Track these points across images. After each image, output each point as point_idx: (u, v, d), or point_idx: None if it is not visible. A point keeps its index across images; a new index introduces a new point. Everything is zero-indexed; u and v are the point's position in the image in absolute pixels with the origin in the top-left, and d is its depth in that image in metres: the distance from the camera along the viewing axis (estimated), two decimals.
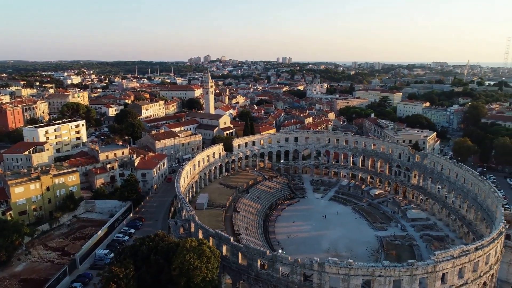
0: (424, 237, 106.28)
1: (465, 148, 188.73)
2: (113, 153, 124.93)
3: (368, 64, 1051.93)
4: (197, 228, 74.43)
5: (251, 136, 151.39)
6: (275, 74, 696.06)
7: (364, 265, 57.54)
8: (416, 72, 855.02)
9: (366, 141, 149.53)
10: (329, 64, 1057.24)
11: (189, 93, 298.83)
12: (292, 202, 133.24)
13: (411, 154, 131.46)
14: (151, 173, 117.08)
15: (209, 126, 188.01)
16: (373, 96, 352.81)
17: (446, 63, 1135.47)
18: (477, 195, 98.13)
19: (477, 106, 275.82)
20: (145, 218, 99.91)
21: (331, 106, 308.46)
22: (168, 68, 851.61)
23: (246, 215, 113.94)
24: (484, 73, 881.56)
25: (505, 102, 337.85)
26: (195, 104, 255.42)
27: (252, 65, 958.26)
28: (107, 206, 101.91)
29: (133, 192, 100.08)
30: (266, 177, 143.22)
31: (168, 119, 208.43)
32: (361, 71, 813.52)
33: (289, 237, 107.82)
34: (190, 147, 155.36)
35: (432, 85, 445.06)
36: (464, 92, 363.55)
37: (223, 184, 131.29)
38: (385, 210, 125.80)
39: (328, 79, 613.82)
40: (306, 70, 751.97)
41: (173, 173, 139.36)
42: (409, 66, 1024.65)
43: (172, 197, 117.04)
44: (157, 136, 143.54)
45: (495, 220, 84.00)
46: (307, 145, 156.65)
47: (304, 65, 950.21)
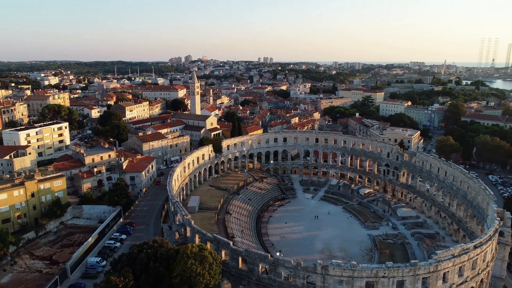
0: (415, 235, 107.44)
1: (448, 146, 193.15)
2: (99, 156, 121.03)
3: (348, 64, 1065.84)
4: (194, 233, 72.58)
5: (240, 137, 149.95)
6: (258, 74, 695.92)
7: (368, 267, 57.16)
8: (395, 72, 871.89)
9: (354, 141, 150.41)
10: (310, 64, 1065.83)
11: (172, 94, 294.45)
12: (283, 203, 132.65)
13: (400, 153, 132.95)
14: (140, 176, 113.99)
15: (196, 127, 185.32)
16: (356, 96, 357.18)
17: (424, 63, 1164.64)
18: (467, 193, 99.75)
19: (457, 105, 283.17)
20: (136, 223, 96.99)
21: (316, 106, 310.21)
22: (149, 69, 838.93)
23: (238, 217, 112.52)
24: (460, 72, 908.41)
25: (482, 101, 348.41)
26: (180, 105, 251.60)
27: (234, 65, 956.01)
28: (95, 212, 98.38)
29: (123, 196, 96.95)
30: (256, 178, 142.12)
31: (153, 120, 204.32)
32: (341, 71, 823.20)
33: (282, 238, 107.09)
34: (178, 148, 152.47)
35: (412, 85, 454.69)
36: (444, 91, 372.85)
37: (213, 186, 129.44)
38: (376, 209, 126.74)
39: (310, 79, 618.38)
40: (288, 70, 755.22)
41: (161, 175, 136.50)
42: (388, 66, 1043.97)
43: (162, 200, 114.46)
44: (144, 138, 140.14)
45: (487, 217, 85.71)
46: (296, 145, 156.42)
47: (286, 65, 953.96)
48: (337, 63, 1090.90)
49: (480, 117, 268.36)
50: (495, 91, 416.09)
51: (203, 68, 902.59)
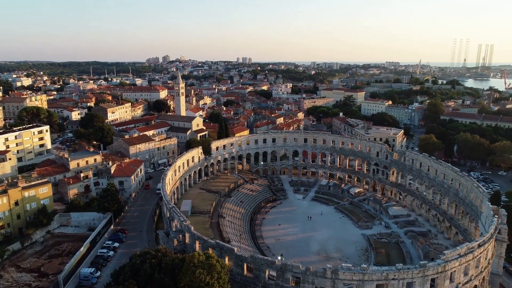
0: (408, 234, 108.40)
1: (431, 144, 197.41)
2: (85, 160, 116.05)
3: (326, 64, 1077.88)
4: (194, 239, 70.15)
5: (229, 138, 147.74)
6: (238, 74, 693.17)
7: (379, 270, 56.52)
8: (372, 72, 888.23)
9: (343, 140, 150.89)
10: (288, 64, 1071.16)
11: (154, 95, 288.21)
12: (275, 204, 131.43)
13: (389, 152, 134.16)
14: (129, 181, 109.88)
15: (182, 129, 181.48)
16: (337, 96, 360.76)
17: (399, 63, 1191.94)
18: (458, 191, 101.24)
19: (436, 104, 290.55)
20: (128, 229, 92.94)
21: (299, 105, 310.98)
22: (126, 69, 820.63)
23: (232, 220, 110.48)
24: (433, 72, 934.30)
25: (459, 99, 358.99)
26: (163, 106, 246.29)
27: (212, 65, 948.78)
28: (84, 219, 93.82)
29: (114, 202, 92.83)
30: (247, 180, 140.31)
31: (136, 122, 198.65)
32: (320, 71, 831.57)
33: (277, 241, 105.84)
34: (165, 151, 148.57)
35: (391, 84, 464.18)
36: (422, 90, 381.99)
37: (204, 189, 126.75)
38: (367, 208, 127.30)
39: (291, 79, 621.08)
40: (268, 70, 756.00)
41: (150, 179, 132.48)
42: (365, 66, 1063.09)
43: (153, 205, 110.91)
44: (130, 141, 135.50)
45: (481, 214, 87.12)
46: (284, 145, 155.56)
47: (265, 65, 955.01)
48: (316, 63, 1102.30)
49: (458, 115, 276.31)
50: (470, 90, 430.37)
51: (182, 68, 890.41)
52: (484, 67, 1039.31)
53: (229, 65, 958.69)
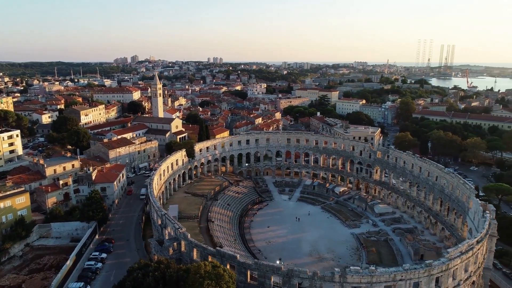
0: (396, 231, 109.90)
1: (407, 142, 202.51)
2: (62, 166, 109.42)
3: (297, 64, 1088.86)
4: (191, 247, 67.23)
5: (212, 140, 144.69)
6: (210, 74, 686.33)
7: (386, 271, 56.08)
8: (342, 72, 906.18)
9: (326, 140, 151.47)
10: (260, 64, 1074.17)
11: (127, 96, 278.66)
12: (262, 206, 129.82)
13: (372, 151, 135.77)
14: (112, 187, 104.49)
15: (160, 131, 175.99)
16: (312, 95, 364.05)
17: (366, 63, 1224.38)
18: (444, 187, 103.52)
19: (408, 103, 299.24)
20: (114, 238, 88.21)
21: (275, 105, 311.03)
22: (93, 69, 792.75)
23: (221, 224, 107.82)
24: (400, 72, 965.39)
25: (427, 98, 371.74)
26: (138, 107, 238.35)
27: (183, 65, 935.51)
28: (66, 229, 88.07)
29: (99, 210, 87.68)
30: (231, 182, 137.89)
31: (111, 124, 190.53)
32: (292, 71, 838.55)
33: (268, 243, 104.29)
34: (146, 154, 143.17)
35: (363, 84, 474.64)
36: (392, 89, 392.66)
37: (189, 192, 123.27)
38: (353, 207, 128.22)
39: (263, 79, 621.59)
40: (240, 71, 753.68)
41: (132, 184, 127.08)
42: (335, 65, 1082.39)
43: (137, 212, 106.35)
44: (110, 145, 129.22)
45: (468, 210, 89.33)
46: (267, 146, 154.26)
47: (237, 65, 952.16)
48: (287, 63, 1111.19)
49: (429, 113, 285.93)
50: (437, 89, 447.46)
51: (152, 68, 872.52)
52: (446, 66, 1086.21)
53: (200, 65, 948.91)
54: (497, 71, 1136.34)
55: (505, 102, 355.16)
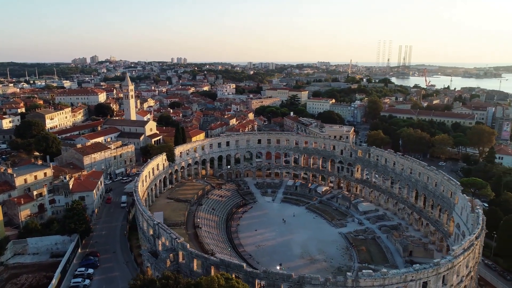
0: (382, 229, 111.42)
1: (380, 140, 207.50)
2: (33, 175, 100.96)
3: (262, 64, 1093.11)
4: (191, 258, 63.74)
5: (192, 143, 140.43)
6: (176, 75, 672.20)
7: (398, 272, 55.71)
8: (306, 71, 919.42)
9: (307, 140, 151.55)
10: (225, 65, 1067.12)
11: (92, 98, 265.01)
12: (246, 209, 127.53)
13: (353, 150, 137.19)
14: (92, 196, 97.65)
15: (134, 134, 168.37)
16: (282, 95, 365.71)
17: (329, 63, 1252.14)
18: (427, 184, 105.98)
19: (376, 101, 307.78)
20: (99, 251, 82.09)
21: (247, 106, 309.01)
22: (49, 70, 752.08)
23: (209, 230, 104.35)
24: (361, 71, 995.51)
25: (392, 97, 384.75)
26: (106, 110, 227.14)
27: (146, 65, 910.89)
28: (44, 244, 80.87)
29: (81, 222, 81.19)
30: (214, 186, 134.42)
31: (79, 129, 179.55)
32: (258, 71, 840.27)
33: (258, 247, 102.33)
34: (122, 159, 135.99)
35: (330, 83, 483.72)
36: (359, 89, 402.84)
37: (172, 198, 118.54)
38: (337, 206, 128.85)
39: (231, 79, 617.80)
40: (207, 71, 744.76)
41: (109, 191, 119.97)
42: (299, 65, 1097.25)
43: (120, 221, 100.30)
44: (84, 150, 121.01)
45: (454, 205, 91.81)
46: (248, 147, 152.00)
47: (202, 65, 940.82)
48: (252, 63, 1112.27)
49: (396, 111, 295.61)
50: (400, 87, 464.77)
51: (113, 69, 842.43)
52: (404, 66, 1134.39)
53: (164, 65, 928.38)
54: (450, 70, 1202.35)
55: (463, 100, 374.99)
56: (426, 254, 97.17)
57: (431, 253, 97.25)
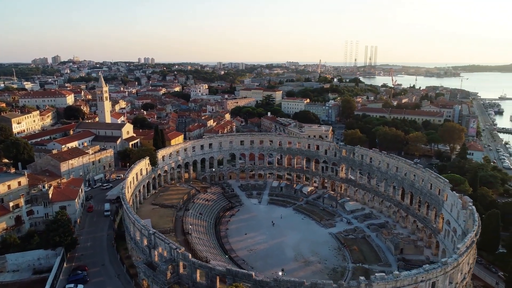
0: (371, 227, 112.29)
1: (357, 139, 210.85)
2: (6, 185, 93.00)
3: (232, 64, 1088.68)
4: (193, 269, 60.69)
5: (175, 146, 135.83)
6: (144, 75, 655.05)
7: (409, 274, 55.34)
8: (276, 71, 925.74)
9: (290, 140, 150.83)
10: (194, 65, 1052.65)
11: (59, 100, 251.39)
12: (233, 212, 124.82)
13: (338, 149, 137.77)
14: (74, 205, 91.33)
15: (110, 138, 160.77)
16: (256, 95, 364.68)
17: (298, 63, 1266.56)
18: (414, 182, 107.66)
19: (349, 101, 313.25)
20: (87, 265, 76.57)
21: (222, 106, 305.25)
22: (7, 71, 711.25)
23: (199, 236, 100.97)
24: (329, 71, 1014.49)
25: (363, 96, 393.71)
26: (77, 112, 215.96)
27: (112, 66, 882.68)
28: (26, 260, 74.43)
29: (67, 234, 75.38)
30: (198, 190, 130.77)
31: (50, 133, 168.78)
32: (228, 71, 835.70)
33: (250, 252, 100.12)
34: (101, 165, 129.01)
35: (302, 83, 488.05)
36: (331, 88, 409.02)
37: (157, 204, 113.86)
38: (324, 206, 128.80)
39: (202, 80, 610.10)
40: (177, 71, 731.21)
41: (90, 199, 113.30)
42: (268, 66, 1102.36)
43: (105, 230, 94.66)
44: (60, 156, 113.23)
45: (443, 202, 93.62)
46: (231, 149, 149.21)
47: (170, 65, 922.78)
48: (222, 64, 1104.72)
49: (369, 110, 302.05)
50: (370, 87, 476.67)
51: (77, 70, 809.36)
52: (370, 66, 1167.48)
53: (131, 65, 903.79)
54: (413, 70, 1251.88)
55: (429, 98, 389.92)
56: (416, 251, 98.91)
57: (421, 250, 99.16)
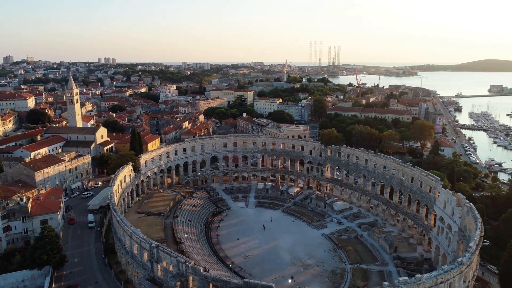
0: (362, 226, 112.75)
1: (334, 138, 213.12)
2: None
3: (197, 65, 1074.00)
4: (205, 283, 56.92)
5: (158, 150, 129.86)
6: (107, 76, 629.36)
7: (431, 276, 54.84)
8: (242, 71, 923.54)
9: (274, 141, 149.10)
10: (157, 65, 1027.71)
11: (19, 103, 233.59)
12: (222, 217, 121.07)
13: (323, 149, 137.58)
14: (56, 218, 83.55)
15: (82, 143, 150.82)
16: (228, 96, 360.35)
17: (263, 63, 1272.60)
18: (403, 180, 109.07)
19: (321, 100, 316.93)
20: (78, 284, 70.06)
21: (194, 107, 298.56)
22: None
23: (191, 244, 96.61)
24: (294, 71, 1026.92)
25: (332, 95, 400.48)
26: (42, 116, 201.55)
27: (71, 66, 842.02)
28: (8, 283, 66.56)
29: (55, 252, 68.30)
30: (184, 195, 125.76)
31: (15, 139, 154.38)
32: (194, 71, 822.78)
33: (246, 258, 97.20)
34: (78, 172, 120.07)
35: (272, 83, 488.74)
36: (302, 88, 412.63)
37: (143, 212, 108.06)
38: (313, 207, 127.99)
39: (168, 80, 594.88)
40: (141, 71, 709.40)
41: (70, 210, 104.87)
42: (234, 65, 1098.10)
43: (92, 244, 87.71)
44: (35, 165, 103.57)
45: (435, 199, 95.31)
46: (214, 151, 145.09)
47: (133, 66, 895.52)
48: (186, 64, 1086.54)
49: (341, 109, 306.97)
50: (338, 86, 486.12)
51: (32, 70, 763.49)
52: (334, 66, 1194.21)
53: (92, 66, 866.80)
54: (373, 69, 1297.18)
55: (394, 97, 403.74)
56: (409, 249, 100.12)
57: (414, 247, 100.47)
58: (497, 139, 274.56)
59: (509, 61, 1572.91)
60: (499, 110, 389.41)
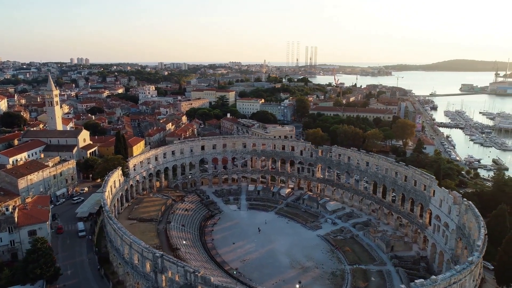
0: (356, 226, 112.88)
1: (320, 137, 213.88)
2: None
3: (174, 65, 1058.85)
4: None
5: (146, 153, 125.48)
6: (81, 77, 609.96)
7: (445, 277, 54.65)
8: (220, 72, 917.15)
9: (264, 142, 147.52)
10: (133, 65, 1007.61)
11: None
12: (215, 221, 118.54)
13: (314, 150, 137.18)
14: (45, 228, 78.41)
15: (64, 147, 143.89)
16: (209, 96, 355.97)
17: (241, 63, 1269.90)
18: (396, 179, 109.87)
19: (304, 100, 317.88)
20: None
21: (176, 108, 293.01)
22: None
23: (187, 250, 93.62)
24: (272, 71, 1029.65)
25: (313, 95, 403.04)
26: (17, 119, 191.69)
27: (42, 67, 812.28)
28: None
29: (49, 265, 63.81)
30: (175, 199, 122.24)
31: None
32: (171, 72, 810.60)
33: (243, 262, 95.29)
34: (63, 178, 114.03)
35: (253, 83, 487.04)
36: (283, 88, 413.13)
37: (134, 218, 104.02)
38: (306, 208, 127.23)
39: (145, 81, 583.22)
40: (118, 72, 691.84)
41: (57, 219, 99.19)
42: (212, 66, 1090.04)
43: (85, 254, 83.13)
44: (17, 171, 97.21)
45: (430, 198, 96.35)
46: (203, 154, 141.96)
47: (108, 66, 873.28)
48: (163, 64, 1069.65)
49: (323, 109, 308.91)
50: (318, 86, 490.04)
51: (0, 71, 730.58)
52: (311, 66, 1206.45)
53: (64, 66, 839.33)
54: (349, 69, 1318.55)
55: (373, 96, 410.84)
56: (405, 248, 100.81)
57: (410, 246, 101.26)
58: (473, 137, 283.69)
59: (477, 61, 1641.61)
60: (472, 108, 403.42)
